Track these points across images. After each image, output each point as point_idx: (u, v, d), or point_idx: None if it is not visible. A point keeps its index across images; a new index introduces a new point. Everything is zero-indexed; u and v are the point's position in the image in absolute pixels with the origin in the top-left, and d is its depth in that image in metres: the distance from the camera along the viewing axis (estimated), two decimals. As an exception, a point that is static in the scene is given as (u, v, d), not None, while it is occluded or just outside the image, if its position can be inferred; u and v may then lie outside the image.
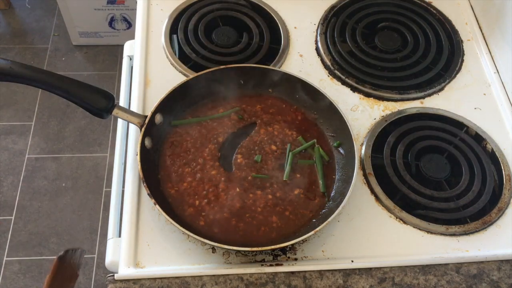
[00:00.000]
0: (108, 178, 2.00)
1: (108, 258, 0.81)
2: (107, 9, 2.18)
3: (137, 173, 0.86)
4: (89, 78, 2.28)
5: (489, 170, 0.91)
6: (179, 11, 1.10)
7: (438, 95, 1.02)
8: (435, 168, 0.90)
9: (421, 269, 0.79)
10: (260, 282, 0.75)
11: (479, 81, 1.05)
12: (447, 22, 1.14)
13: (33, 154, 2.06)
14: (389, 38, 1.09)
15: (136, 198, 0.84)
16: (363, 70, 1.03)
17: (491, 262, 0.80)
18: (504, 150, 0.94)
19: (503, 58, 1.04)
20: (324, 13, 1.14)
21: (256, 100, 0.96)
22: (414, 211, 0.86)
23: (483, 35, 1.12)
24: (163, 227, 0.82)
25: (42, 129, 2.13)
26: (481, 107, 1.01)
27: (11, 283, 1.76)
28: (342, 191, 0.83)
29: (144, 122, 0.84)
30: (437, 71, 1.05)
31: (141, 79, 0.98)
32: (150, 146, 0.86)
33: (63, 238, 1.86)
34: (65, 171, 2.02)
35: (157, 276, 0.75)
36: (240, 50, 1.04)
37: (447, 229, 0.84)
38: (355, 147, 0.84)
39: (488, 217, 0.86)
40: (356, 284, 0.76)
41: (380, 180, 0.88)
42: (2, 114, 2.16)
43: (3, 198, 1.94)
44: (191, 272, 0.76)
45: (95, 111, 0.82)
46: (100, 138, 2.12)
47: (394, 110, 0.99)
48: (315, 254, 0.81)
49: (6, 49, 2.36)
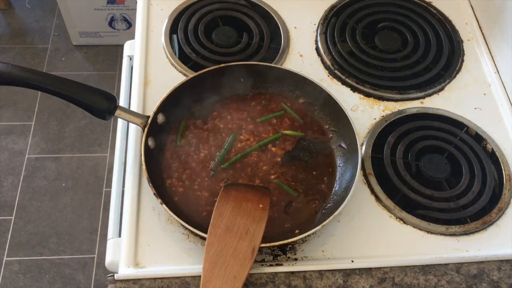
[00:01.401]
0: (108, 178, 2.00)
1: (108, 258, 0.81)
2: (107, 9, 2.18)
3: (137, 173, 0.86)
4: (89, 78, 2.28)
5: (489, 170, 0.91)
6: (179, 11, 1.10)
7: (438, 95, 1.02)
8: (435, 168, 0.90)
9: (421, 269, 0.79)
10: (260, 282, 0.75)
11: (479, 81, 1.05)
12: (447, 22, 1.14)
13: (33, 154, 2.06)
14: (389, 38, 1.09)
15: (136, 198, 0.84)
16: (363, 70, 1.03)
17: (491, 262, 0.80)
18: (504, 150, 0.94)
19: (503, 58, 1.04)
20: (324, 13, 1.14)
21: (260, 99, 0.96)
22: (414, 211, 0.86)
23: (483, 35, 1.12)
24: (163, 227, 0.82)
25: (42, 129, 2.13)
26: (481, 107, 1.01)
27: (11, 283, 1.76)
28: (342, 191, 0.83)
29: (147, 122, 0.84)
30: (437, 71, 1.05)
31: (141, 79, 0.98)
32: (154, 146, 0.86)
33: (63, 238, 1.86)
34: (65, 171, 2.02)
35: (157, 276, 0.75)
36: (240, 50, 1.04)
37: (447, 229, 0.84)
38: (357, 143, 0.84)
39: (488, 217, 0.86)
40: (356, 284, 0.76)
41: (380, 180, 0.88)
42: (2, 114, 2.16)
43: (3, 198, 1.94)
44: (191, 272, 0.76)
45: (97, 113, 0.82)
46: (100, 138, 2.12)
47: (394, 110, 0.99)
48: (315, 254, 0.81)
49: (6, 49, 2.36)
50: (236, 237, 0.72)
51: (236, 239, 0.71)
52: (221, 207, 0.75)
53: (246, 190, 0.80)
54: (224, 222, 0.73)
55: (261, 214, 0.75)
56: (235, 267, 0.69)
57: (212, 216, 0.74)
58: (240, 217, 0.74)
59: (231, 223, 0.73)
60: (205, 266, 0.69)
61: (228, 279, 0.68)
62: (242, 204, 0.76)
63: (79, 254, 1.83)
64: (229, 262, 0.69)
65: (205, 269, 0.68)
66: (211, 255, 0.70)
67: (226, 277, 0.68)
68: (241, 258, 0.70)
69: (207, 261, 0.69)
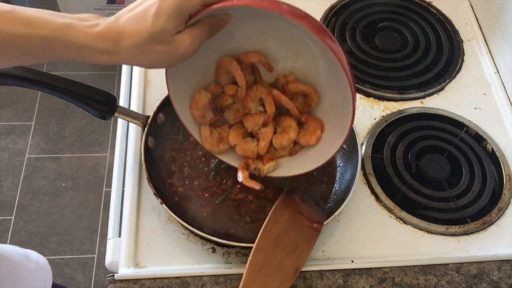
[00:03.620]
0: (108, 178, 2.00)
1: (108, 258, 0.81)
2: (107, 9, 2.18)
3: (137, 173, 0.86)
4: (89, 78, 2.28)
5: (489, 170, 0.91)
6: (179, 11, 1.10)
7: (438, 95, 1.02)
8: (435, 168, 0.90)
9: (421, 269, 0.79)
10: (260, 282, 0.76)
11: (479, 81, 1.05)
12: (447, 22, 1.14)
13: (33, 154, 2.06)
14: (389, 38, 1.09)
15: (136, 198, 0.84)
16: (363, 70, 1.03)
17: (491, 262, 0.80)
18: (504, 150, 0.94)
19: (503, 58, 1.04)
20: (324, 13, 1.14)
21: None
22: (414, 211, 0.86)
23: (483, 35, 1.12)
24: (163, 227, 0.82)
25: (42, 129, 2.13)
26: (481, 107, 1.01)
27: (11, 283, 1.76)
28: (342, 191, 0.83)
29: (147, 122, 0.85)
30: (437, 71, 1.05)
31: (141, 79, 0.98)
32: (154, 146, 0.86)
33: (63, 238, 1.86)
34: (65, 171, 2.02)
35: (157, 276, 0.75)
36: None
37: (447, 229, 0.84)
38: (357, 143, 0.84)
39: (488, 217, 0.86)
40: (356, 284, 0.76)
41: (380, 180, 0.88)
42: (2, 114, 2.16)
43: (3, 198, 1.94)
44: (191, 272, 0.76)
45: (97, 113, 0.82)
46: (100, 138, 2.12)
47: (394, 110, 0.99)
48: (315, 254, 0.80)
49: (6, 49, 2.35)
50: (285, 251, 0.68)
51: (284, 253, 0.68)
52: (277, 213, 0.71)
53: (304, 203, 0.76)
54: (277, 231, 0.69)
55: (312, 234, 0.71)
56: (276, 282, 0.65)
57: (266, 220, 0.69)
58: (293, 230, 0.70)
59: (283, 234, 0.69)
60: (249, 270, 0.64)
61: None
62: (297, 217, 0.72)
63: (79, 254, 1.83)
64: (272, 274, 0.65)
65: (248, 273, 0.64)
66: (257, 261, 0.65)
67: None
68: (284, 275, 0.66)
69: (252, 266, 0.65)
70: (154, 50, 0.58)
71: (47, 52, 0.56)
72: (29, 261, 0.92)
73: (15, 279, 0.85)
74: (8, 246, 0.91)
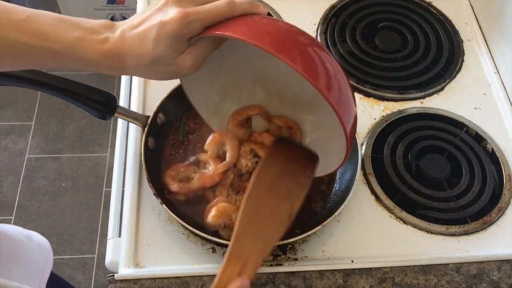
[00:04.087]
0: (108, 178, 2.00)
1: (108, 258, 0.81)
2: (107, 9, 2.18)
3: (137, 173, 0.86)
4: (89, 78, 2.28)
5: (489, 170, 0.91)
6: (179, 11, 1.10)
7: (438, 95, 1.02)
8: (435, 168, 0.90)
9: (421, 269, 0.79)
10: (260, 282, 0.75)
11: (479, 81, 1.05)
12: (447, 22, 1.14)
13: (33, 154, 2.06)
14: (389, 38, 1.09)
15: (136, 198, 0.84)
16: (363, 70, 1.03)
17: (491, 262, 0.80)
18: (504, 150, 0.94)
19: (503, 58, 1.04)
20: (324, 13, 1.14)
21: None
22: (414, 211, 0.86)
23: (483, 35, 1.12)
24: (163, 227, 0.82)
25: (42, 129, 2.13)
26: (481, 107, 1.01)
27: (11, 283, 1.76)
28: (342, 191, 0.83)
29: (147, 122, 0.85)
30: (437, 71, 1.05)
31: (141, 79, 0.98)
32: (154, 146, 0.86)
33: (63, 238, 1.86)
34: (65, 171, 2.02)
35: (157, 276, 0.75)
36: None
37: (447, 229, 0.84)
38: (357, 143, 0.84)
39: (488, 217, 0.86)
40: (356, 284, 0.76)
41: (380, 180, 0.88)
42: (2, 114, 2.16)
43: (3, 198, 1.94)
44: (191, 272, 0.76)
45: (97, 113, 0.82)
46: (100, 138, 2.12)
47: (394, 110, 0.99)
48: (315, 254, 0.81)
49: (6, 49, 2.36)
50: (277, 198, 0.66)
51: (277, 201, 0.66)
52: (268, 161, 0.69)
53: (297, 150, 0.74)
54: (269, 179, 0.68)
55: (305, 180, 0.70)
56: (269, 229, 0.64)
57: (257, 169, 0.68)
58: (285, 177, 0.68)
59: (275, 181, 0.67)
60: (243, 218, 0.63)
61: (260, 239, 0.62)
62: (289, 164, 0.71)
63: (79, 254, 1.83)
64: (264, 223, 0.64)
65: (242, 221, 0.62)
66: (250, 210, 0.64)
67: (258, 237, 0.62)
68: (277, 222, 0.65)
69: (245, 214, 0.63)
70: (157, 70, 0.61)
71: (57, 63, 0.58)
72: (32, 242, 0.93)
73: (17, 258, 0.86)
74: (11, 226, 0.92)
